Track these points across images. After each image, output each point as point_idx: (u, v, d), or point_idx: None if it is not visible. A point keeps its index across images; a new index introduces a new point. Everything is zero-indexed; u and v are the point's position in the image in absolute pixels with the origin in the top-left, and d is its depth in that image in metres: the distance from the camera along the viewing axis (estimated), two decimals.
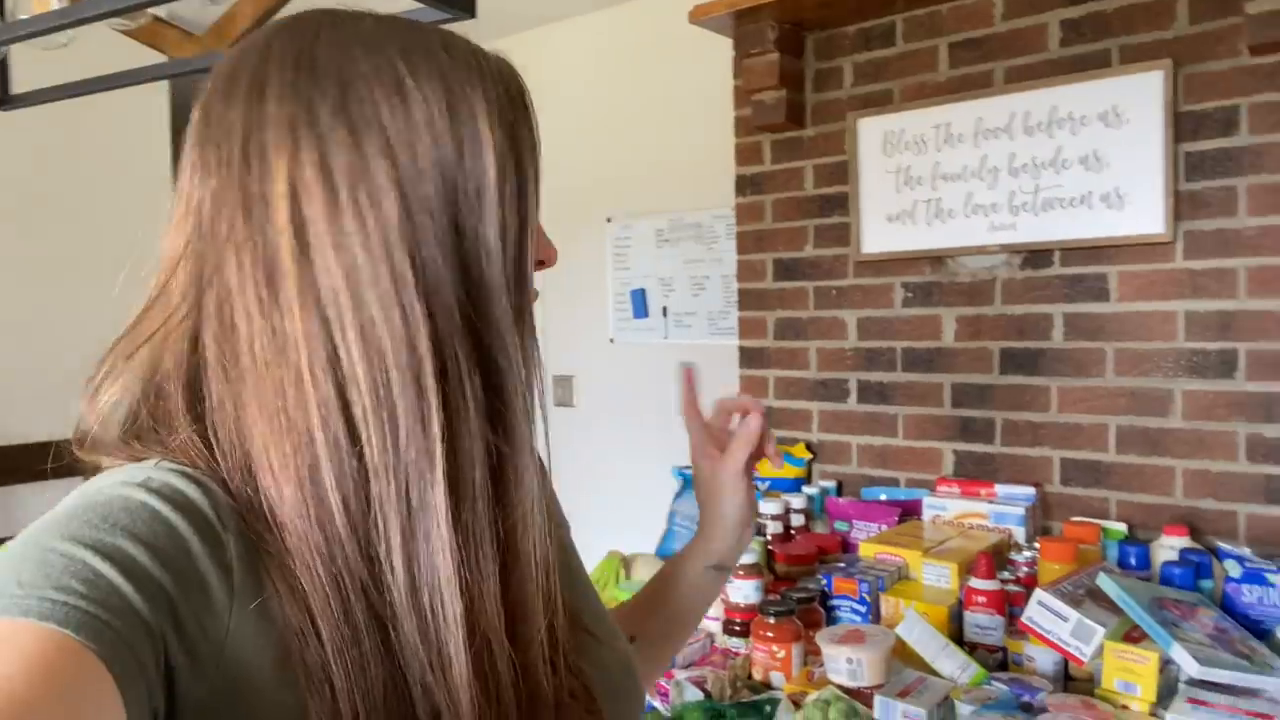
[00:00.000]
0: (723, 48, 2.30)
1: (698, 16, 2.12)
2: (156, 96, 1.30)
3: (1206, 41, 1.76)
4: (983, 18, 2.02)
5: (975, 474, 2.08)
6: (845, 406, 2.26)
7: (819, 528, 2.16)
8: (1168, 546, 1.71)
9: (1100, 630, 1.36)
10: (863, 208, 2.17)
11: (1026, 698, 1.36)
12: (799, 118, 2.25)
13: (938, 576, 1.72)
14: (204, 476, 0.49)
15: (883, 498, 2.16)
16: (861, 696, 1.42)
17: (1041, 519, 1.99)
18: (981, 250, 2.03)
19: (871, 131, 2.14)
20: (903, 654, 1.53)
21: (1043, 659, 1.48)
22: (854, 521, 2.07)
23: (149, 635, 0.42)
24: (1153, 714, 1.32)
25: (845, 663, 1.45)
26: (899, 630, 1.53)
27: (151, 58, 1.20)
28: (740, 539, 0.85)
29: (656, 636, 0.84)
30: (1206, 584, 1.60)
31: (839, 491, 2.26)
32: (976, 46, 2.03)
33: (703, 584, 0.85)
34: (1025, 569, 1.75)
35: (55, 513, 0.46)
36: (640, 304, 2.91)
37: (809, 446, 2.31)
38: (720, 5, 2.09)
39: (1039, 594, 1.43)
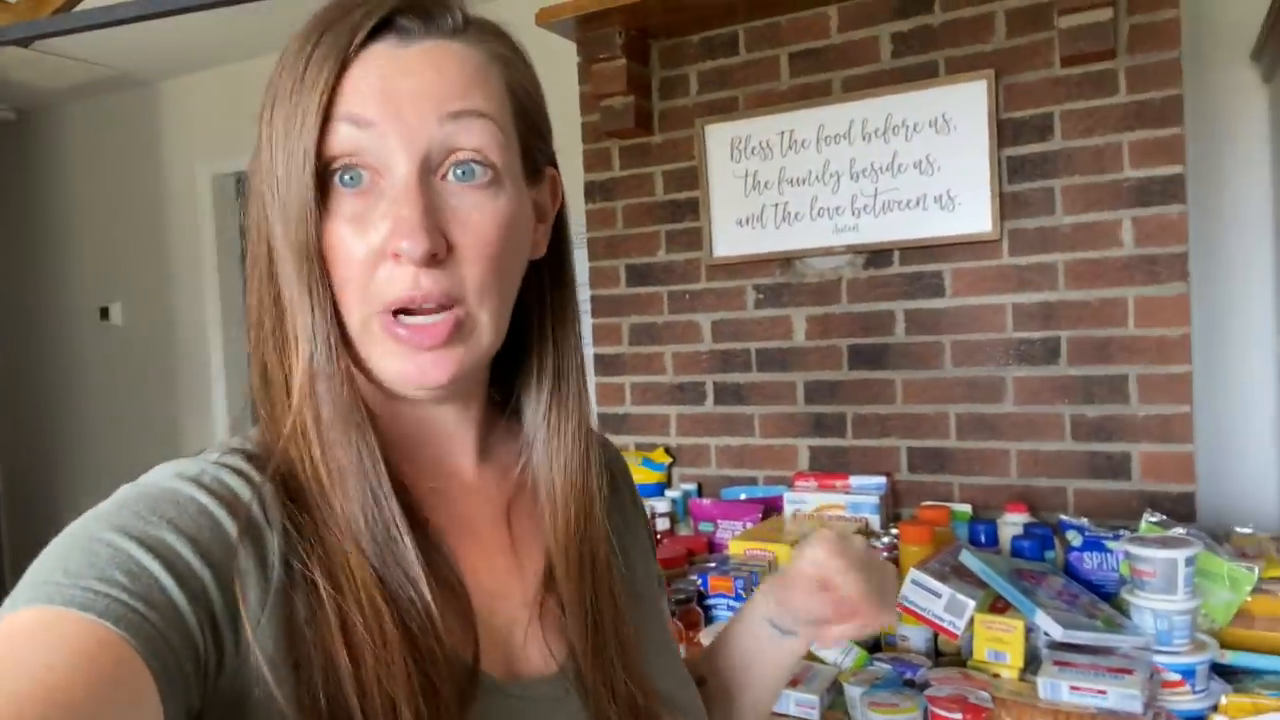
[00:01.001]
0: (568, 53, 2.28)
1: (544, 19, 2.09)
2: None
3: (1023, 54, 1.91)
4: (819, 30, 2.11)
5: (830, 467, 2.14)
6: (702, 409, 2.28)
7: (683, 530, 2.16)
8: (1011, 523, 1.83)
9: (971, 603, 1.42)
10: (713, 212, 2.21)
11: (909, 675, 1.40)
12: (647, 124, 2.26)
13: None
14: (255, 472, 0.51)
15: (743, 496, 2.20)
16: None
17: (892, 506, 2.08)
18: (828, 251, 2.11)
19: (719, 138, 2.19)
20: None
21: (916, 637, 1.53)
22: (718, 521, 2.09)
23: (187, 632, 0.43)
24: (1022, 679, 1.39)
25: None
26: None
27: None
28: (798, 602, 0.70)
29: (718, 688, 0.76)
30: (1050, 554, 1.71)
31: (700, 493, 2.27)
32: (815, 57, 2.12)
33: (760, 638, 0.74)
34: (885, 554, 1.81)
35: (107, 503, 0.47)
36: None
37: (668, 450, 2.32)
38: (567, 9, 2.07)
39: (913, 574, 1.48)
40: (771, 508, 2.11)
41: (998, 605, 1.49)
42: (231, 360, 3.77)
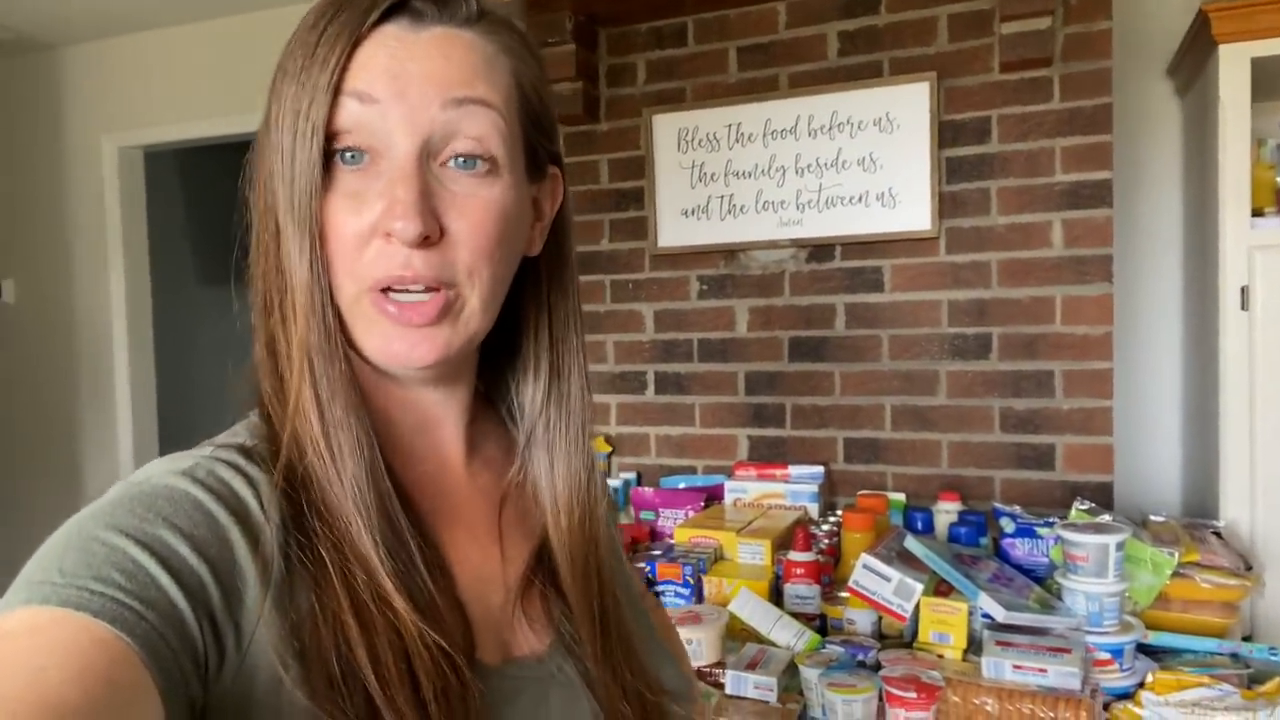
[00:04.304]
0: None
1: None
2: None
3: (964, 58, 1.97)
4: (768, 25, 2.14)
5: (768, 457, 2.18)
6: (643, 398, 2.29)
7: (623, 519, 2.17)
8: (946, 510, 1.90)
9: (919, 587, 1.47)
10: (658, 202, 2.22)
11: (860, 656, 1.44)
12: (594, 111, 2.25)
13: (752, 554, 1.79)
14: (251, 465, 0.51)
15: (682, 485, 2.21)
16: (702, 675, 1.44)
17: (829, 495, 2.12)
18: (771, 245, 2.14)
19: (666, 128, 2.19)
20: (729, 630, 1.57)
21: (862, 620, 1.57)
22: (660, 510, 2.10)
23: (185, 630, 0.43)
24: (964, 659, 1.45)
25: (686, 644, 1.46)
26: (732, 607, 1.57)
27: None
28: None
29: None
30: (984, 540, 1.78)
31: (639, 482, 2.28)
32: (763, 51, 2.15)
33: None
34: (826, 541, 1.86)
35: (103, 500, 0.47)
36: None
37: (608, 439, 2.32)
38: None
39: (865, 559, 1.52)
40: (713, 496, 2.13)
41: (941, 589, 1.54)
42: (136, 345, 3.60)
